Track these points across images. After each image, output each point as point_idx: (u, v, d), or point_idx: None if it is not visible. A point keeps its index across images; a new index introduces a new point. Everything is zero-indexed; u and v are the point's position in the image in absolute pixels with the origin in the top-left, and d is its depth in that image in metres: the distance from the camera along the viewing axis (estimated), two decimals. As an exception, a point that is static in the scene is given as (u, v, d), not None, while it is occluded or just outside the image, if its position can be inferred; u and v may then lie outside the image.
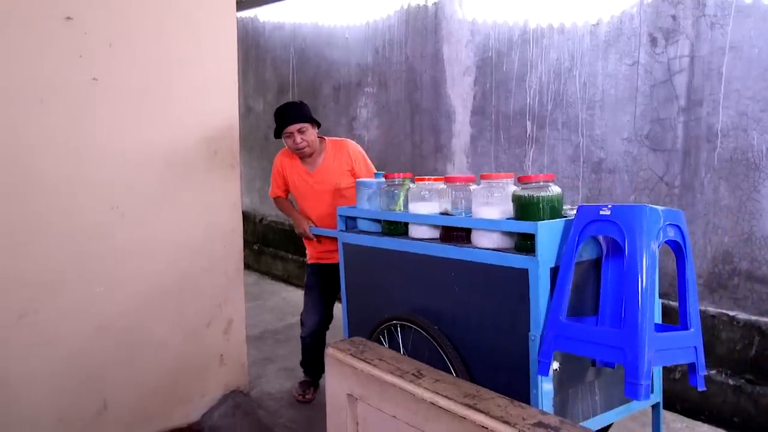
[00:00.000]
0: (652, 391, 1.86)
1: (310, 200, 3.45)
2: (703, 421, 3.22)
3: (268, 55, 6.86)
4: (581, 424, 2.11)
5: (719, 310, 3.26)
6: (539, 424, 1.72)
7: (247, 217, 6.92)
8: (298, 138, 3.22)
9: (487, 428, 1.74)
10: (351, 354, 2.33)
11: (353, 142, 3.52)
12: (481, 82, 4.41)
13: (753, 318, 3.15)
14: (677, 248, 2.00)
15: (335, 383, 2.39)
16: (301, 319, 3.53)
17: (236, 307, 3.39)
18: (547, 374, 1.95)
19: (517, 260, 2.04)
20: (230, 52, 3.26)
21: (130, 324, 2.95)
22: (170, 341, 3.10)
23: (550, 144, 4.00)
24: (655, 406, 2.36)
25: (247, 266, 5.68)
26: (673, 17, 3.35)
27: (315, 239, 3.40)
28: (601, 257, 2.11)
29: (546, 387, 2.01)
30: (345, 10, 5.61)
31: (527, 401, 2.03)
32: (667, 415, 3.30)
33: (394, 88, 5.16)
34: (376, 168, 3.48)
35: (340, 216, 2.90)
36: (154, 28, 2.95)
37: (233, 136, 3.31)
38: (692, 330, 1.97)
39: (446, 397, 1.91)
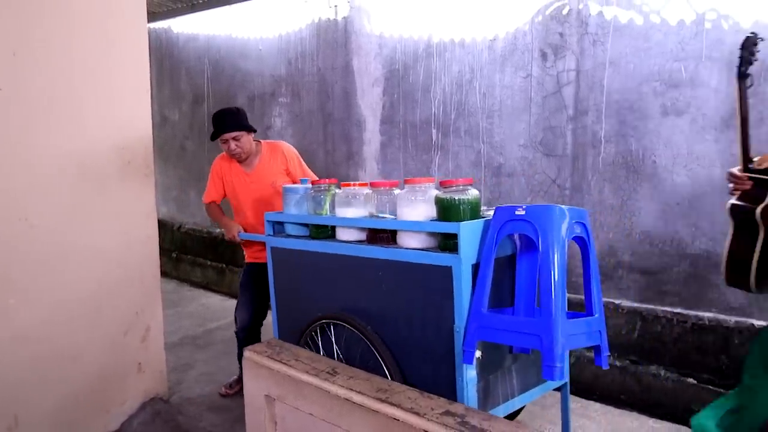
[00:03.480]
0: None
1: (247, 199, 3.58)
2: (595, 400, 3.53)
3: (182, 65, 6.82)
4: (501, 405, 2.33)
5: (606, 299, 3.58)
6: (447, 413, 1.90)
7: (164, 225, 6.83)
8: (233, 145, 3.42)
9: (398, 420, 1.90)
10: (267, 356, 2.42)
11: (287, 144, 3.72)
12: (390, 93, 4.63)
13: (635, 305, 3.50)
14: (582, 243, 2.18)
15: (253, 385, 2.48)
16: (234, 316, 3.64)
17: (154, 315, 3.42)
18: (471, 363, 2.10)
19: (442, 258, 2.17)
20: (142, 62, 3.30)
21: (44, 335, 2.91)
22: (86, 351, 3.09)
23: (454, 150, 4.26)
24: (563, 386, 2.59)
25: (166, 274, 5.65)
26: (561, 34, 3.67)
27: (242, 244, 3.58)
28: (515, 254, 2.28)
29: (470, 374, 2.16)
30: (258, 22, 5.69)
31: (453, 389, 2.19)
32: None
33: (307, 98, 5.30)
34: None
35: (267, 221, 3.00)
36: (61, 37, 2.92)
37: (147, 145, 3.34)
38: (597, 315, 2.16)
39: (359, 392, 2.05)
